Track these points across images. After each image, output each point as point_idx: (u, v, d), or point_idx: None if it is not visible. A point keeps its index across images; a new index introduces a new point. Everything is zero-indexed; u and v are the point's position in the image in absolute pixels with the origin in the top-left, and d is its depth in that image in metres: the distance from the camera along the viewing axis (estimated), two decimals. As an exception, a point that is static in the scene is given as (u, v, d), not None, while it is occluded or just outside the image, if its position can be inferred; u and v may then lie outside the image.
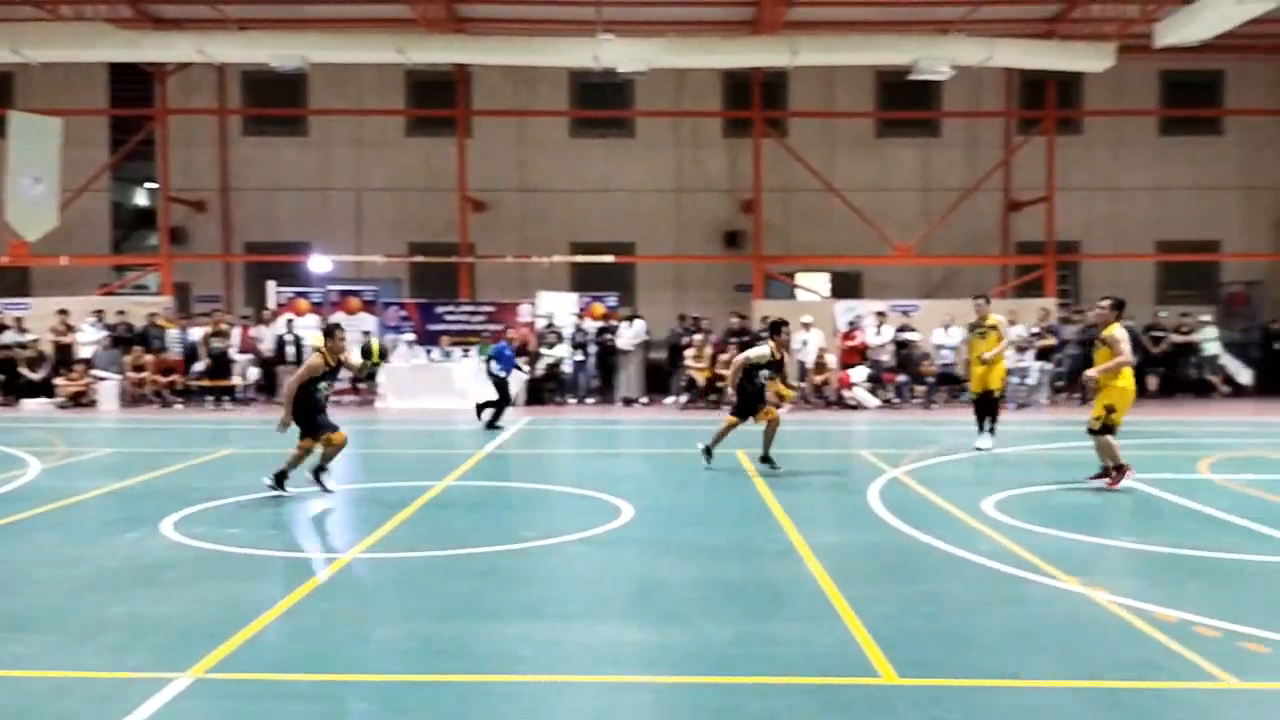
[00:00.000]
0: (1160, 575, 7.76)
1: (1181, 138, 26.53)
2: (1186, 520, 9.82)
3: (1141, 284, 26.35)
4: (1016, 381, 21.74)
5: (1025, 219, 26.18)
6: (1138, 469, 12.65)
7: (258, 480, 11.24)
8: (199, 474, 12.60)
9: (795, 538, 8.88)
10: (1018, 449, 15.04)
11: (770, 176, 25.36)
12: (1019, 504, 10.41)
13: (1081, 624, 6.51)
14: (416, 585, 7.48)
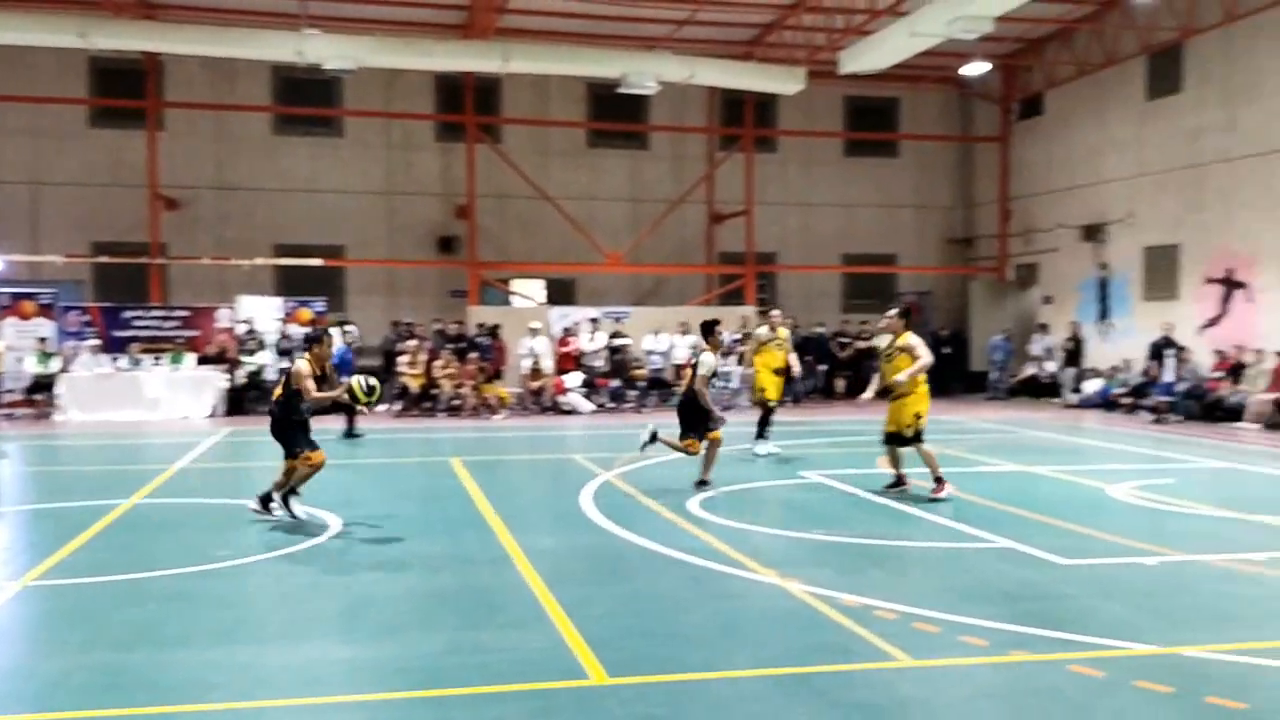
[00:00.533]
0: (846, 564, 8.33)
1: (863, 159, 28.68)
2: (869, 512, 10.60)
3: (830, 293, 28.30)
4: (721, 385, 22.79)
5: (727, 231, 27.48)
6: (827, 466, 13.56)
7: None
8: None
9: (509, 544, 8.87)
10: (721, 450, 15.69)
11: (484, 182, 25.30)
12: (723, 502, 10.89)
13: (778, 614, 6.88)
14: (95, 613, 6.88)
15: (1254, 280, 20.13)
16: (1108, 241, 23.96)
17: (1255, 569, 8.08)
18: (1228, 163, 20.60)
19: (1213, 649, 6.07)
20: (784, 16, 22.85)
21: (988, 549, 8.84)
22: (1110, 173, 23.88)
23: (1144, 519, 10.37)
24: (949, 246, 29.27)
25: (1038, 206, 26.48)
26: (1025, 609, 6.94)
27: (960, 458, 14.50)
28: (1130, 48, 22.66)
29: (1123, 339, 23.50)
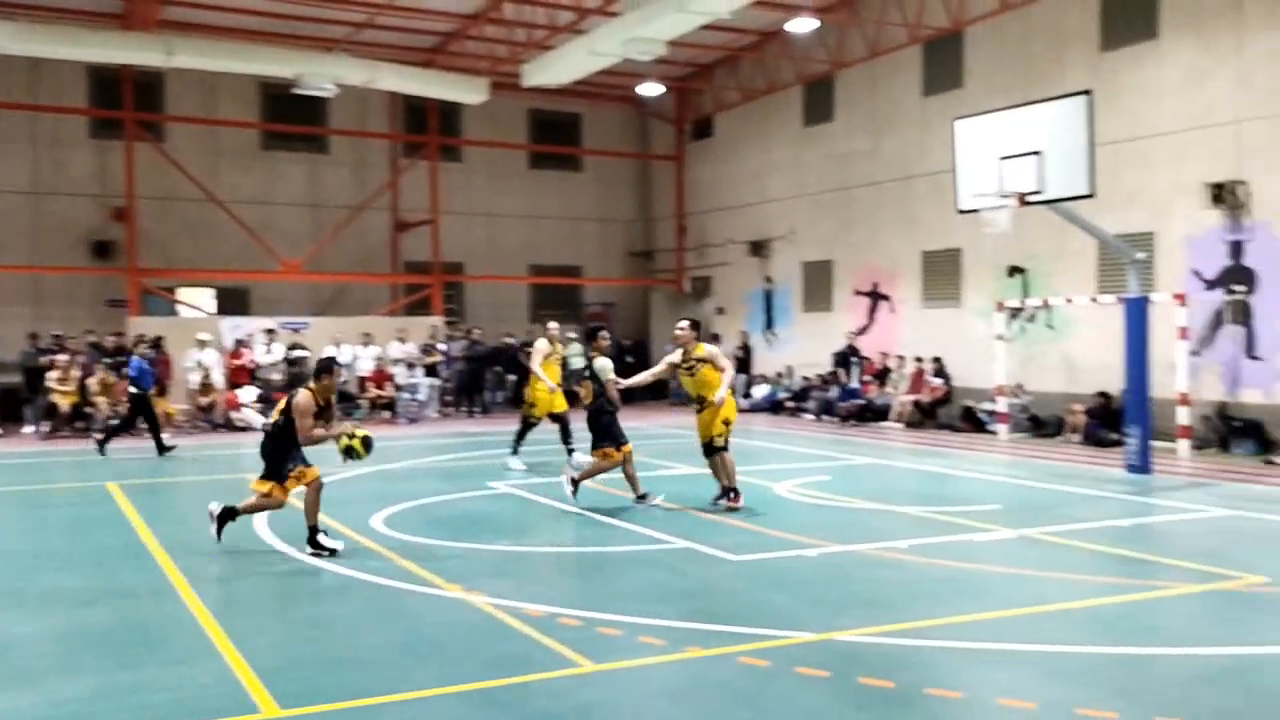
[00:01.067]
0: (531, 573, 8.41)
1: (548, 171, 29.16)
2: (556, 520, 10.77)
3: (517, 304, 28.53)
4: (408, 397, 22.41)
5: (413, 239, 27.08)
6: (515, 477, 13.65)
7: None
8: None
9: (173, 574, 8.29)
10: (408, 463, 15.46)
11: (145, 183, 23.54)
12: (408, 518, 10.70)
13: (461, 629, 6.84)
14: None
15: (895, 293, 22.20)
16: (772, 256, 25.66)
17: (898, 556, 8.89)
18: (873, 186, 22.62)
19: (863, 632, 6.61)
20: (466, 26, 22.84)
21: (668, 550, 9.20)
22: (773, 193, 25.60)
23: (806, 514, 11.16)
24: (631, 259, 30.30)
25: (711, 222, 27.95)
26: (700, 606, 7.29)
27: (646, 462, 15.00)
28: (788, 77, 24.41)
29: (786, 347, 25.25)
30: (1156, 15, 17.09)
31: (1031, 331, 18.86)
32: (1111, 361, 15.36)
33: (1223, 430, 15.86)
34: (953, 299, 20.80)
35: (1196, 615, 7.15)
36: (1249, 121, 15.84)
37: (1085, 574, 8.28)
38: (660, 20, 18.00)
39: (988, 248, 18.79)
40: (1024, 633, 6.68)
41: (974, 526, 10.17)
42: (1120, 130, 17.15)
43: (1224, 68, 16.18)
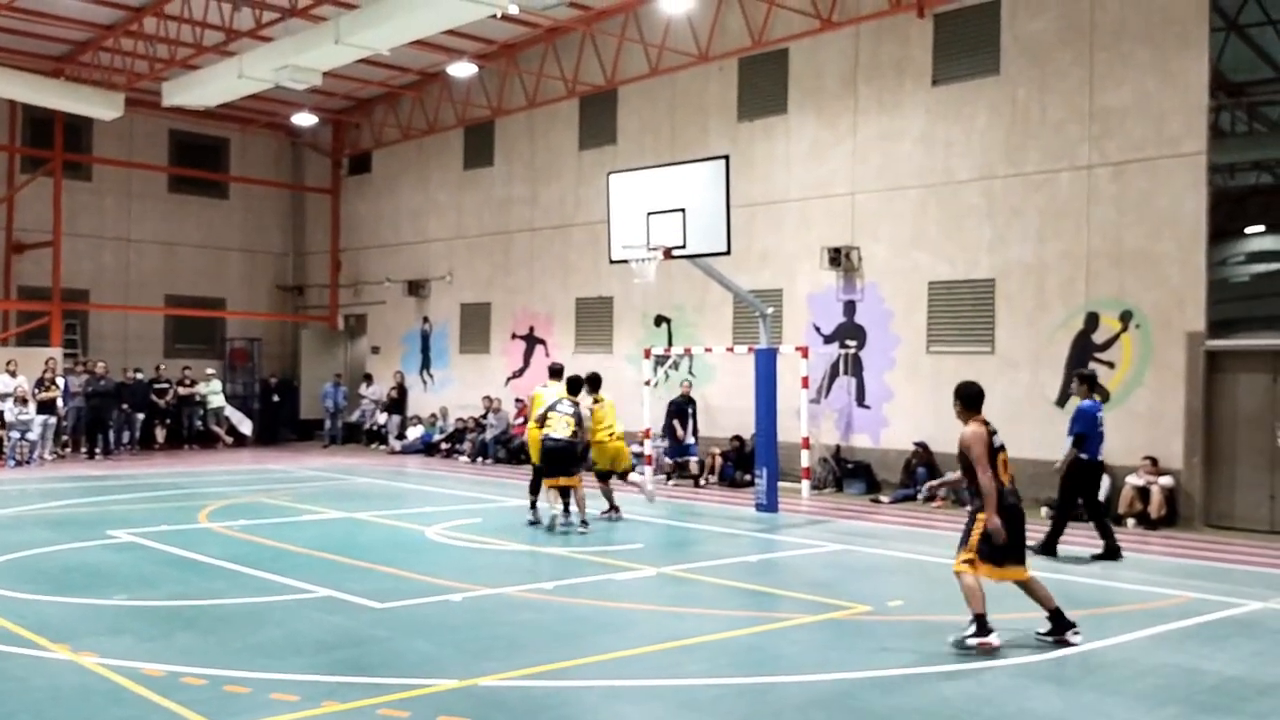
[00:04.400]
0: (151, 629, 7.76)
1: (190, 197, 27.40)
2: (184, 570, 10.01)
3: (150, 336, 26.50)
4: (18, 436, 20.15)
5: (30, 262, 24.52)
6: (141, 523, 12.61)
7: None
8: None
9: None
10: (13, 510, 13.87)
11: None
12: (9, 571, 9.59)
13: (67, 694, 6.18)
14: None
15: (551, 338, 22.70)
16: (430, 297, 25.50)
17: (544, 596, 9.03)
18: (531, 232, 23.08)
19: (506, 676, 6.63)
20: (102, 37, 21.12)
21: (306, 599, 8.81)
22: (433, 233, 25.49)
23: (455, 557, 11.09)
24: (280, 293, 29.04)
25: (367, 259, 27.37)
26: (339, 657, 7.03)
27: (286, 506, 14.35)
28: (449, 119, 24.49)
29: (442, 388, 25.09)
30: (786, 92, 18.70)
31: (675, 378, 19.88)
32: (745, 407, 16.49)
33: (838, 471, 17.42)
34: (605, 345, 21.55)
35: (812, 643, 7.76)
36: (861, 194, 17.65)
37: (717, 608, 8.78)
38: (315, 50, 17.50)
39: (637, 297, 19.70)
40: (660, 668, 6.96)
41: (618, 565, 10.51)
42: (755, 194, 18.57)
43: (841, 144, 17.96)
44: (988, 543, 7.35)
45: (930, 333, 16.81)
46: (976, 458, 7.41)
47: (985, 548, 7.37)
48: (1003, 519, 7.35)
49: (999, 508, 7.36)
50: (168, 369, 24.60)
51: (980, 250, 16.26)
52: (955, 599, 7.61)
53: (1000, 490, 7.40)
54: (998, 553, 7.38)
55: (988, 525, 7.32)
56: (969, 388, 7.74)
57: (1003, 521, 7.33)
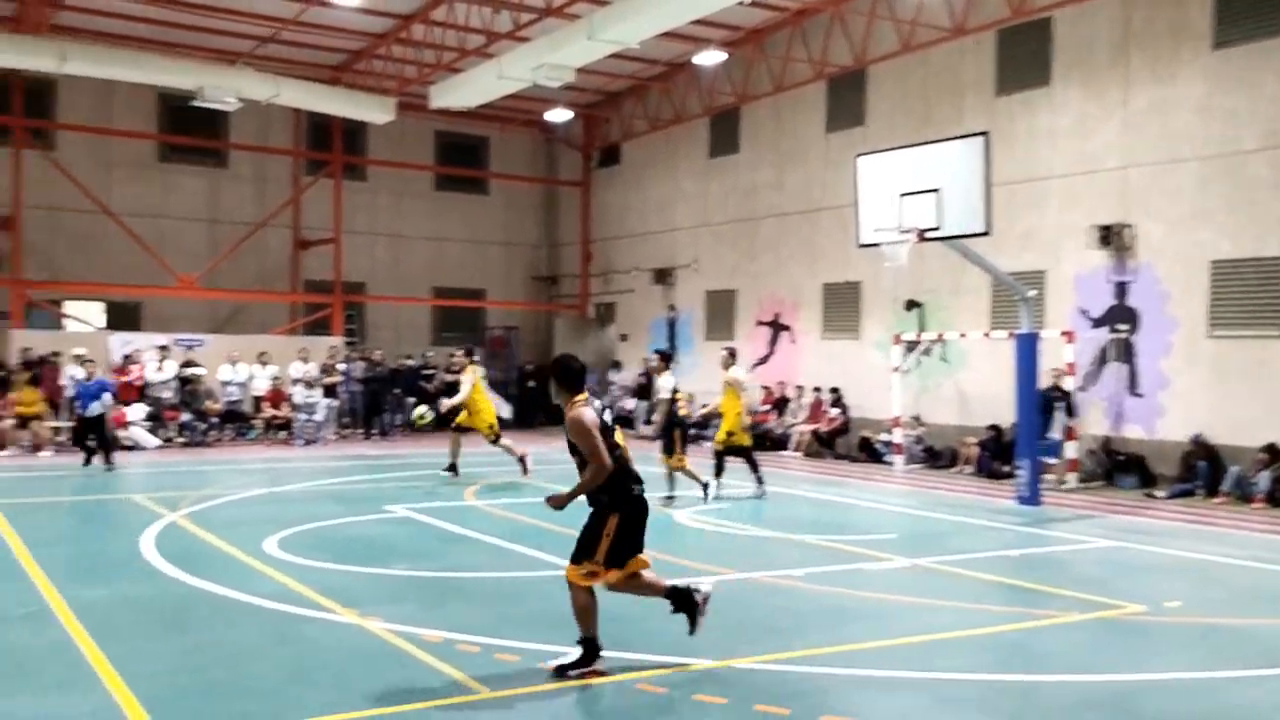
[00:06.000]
0: (429, 599, 8.28)
1: (454, 194, 28.97)
2: (454, 544, 10.63)
3: (419, 326, 28.21)
4: (305, 417, 21.93)
5: (314, 258, 26.61)
6: (414, 500, 13.44)
7: None
8: None
9: (52, 596, 7.96)
10: (303, 485, 15.12)
11: (34, 193, 22.70)
12: (302, 541, 10.45)
13: (357, 655, 6.69)
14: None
15: (796, 324, 22.56)
16: (675, 285, 25.87)
17: (795, 584, 8.99)
18: (777, 218, 22.99)
19: (759, 660, 6.66)
20: (374, 45, 22.63)
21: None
22: (679, 222, 25.84)
23: (705, 541, 11.22)
24: (535, 284, 30.22)
25: (616, 249, 28.07)
26: (600, 633, 7.24)
27: (542, 487, 14.89)
28: (695, 108, 24.71)
29: (688, 375, 25.39)
30: (1049, 64, 17.75)
31: (927, 365, 19.32)
32: (1003, 395, 15.81)
33: (1107, 464, 16.43)
34: (852, 331, 21.21)
35: (1081, 643, 7.37)
36: (1134, 168, 16.54)
37: (976, 603, 8.48)
38: (569, 48, 18.09)
39: (887, 282, 19.24)
40: (917, 660, 6.80)
41: (869, 555, 10.34)
42: (1015, 172, 17.74)
43: (1111, 117, 16.88)
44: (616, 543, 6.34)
45: (1212, 315, 15.57)
46: (591, 449, 6.26)
47: (614, 551, 6.35)
48: (629, 510, 6.40)
49: (625, 499, 6.37)
50: (435, 356, 26.12)
51: (1270, 226, 14.91)
52: (1240, 600, 7.04)
53: (627, 472, 6.39)
54: (623, 551, 6.41)
55: (555, 501, 6.44)
56: (570, 363, 6.60)
57: (629, 513, 6.39)
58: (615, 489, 6.33)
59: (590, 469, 6.23)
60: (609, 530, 6.31)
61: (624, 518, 6.34)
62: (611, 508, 6.34)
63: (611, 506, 6.34)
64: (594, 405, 6.43)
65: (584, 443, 6.25)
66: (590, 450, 6.23)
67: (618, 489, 6.33)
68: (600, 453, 6.20)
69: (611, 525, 6.32)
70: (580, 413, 6.30)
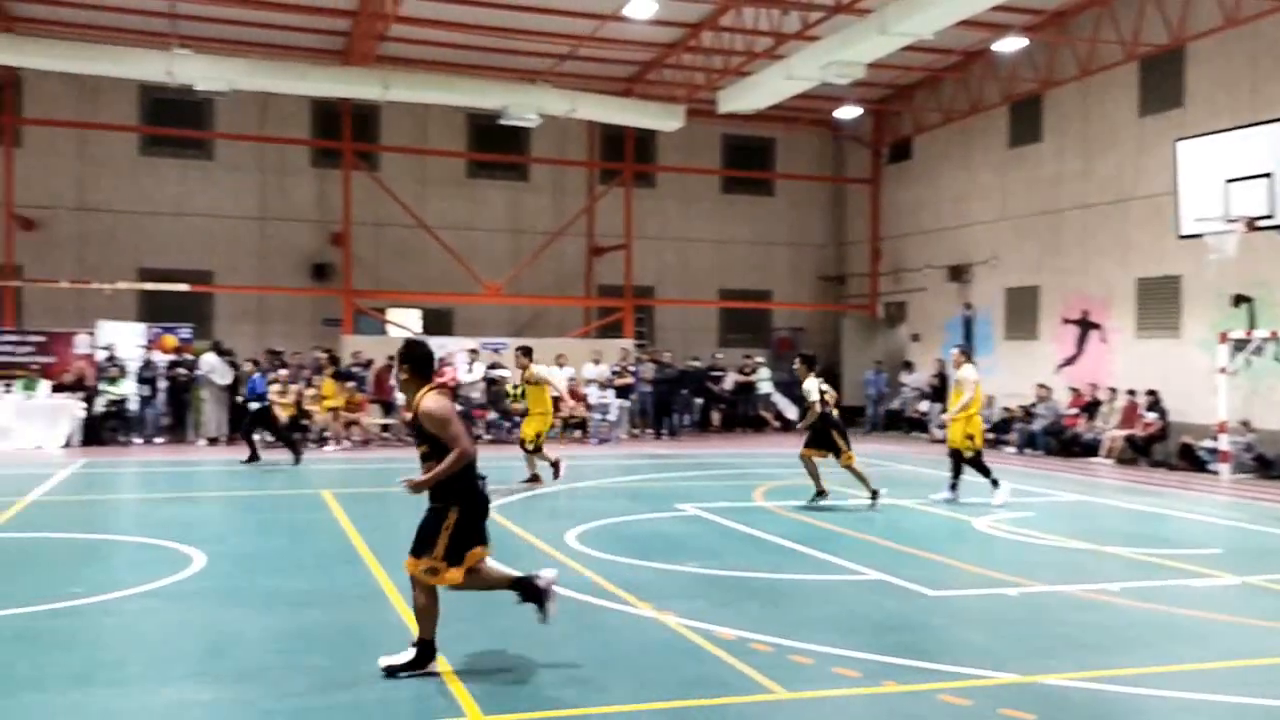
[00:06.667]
0: (722, 597, 8.39)
1: (740, 196, 29.24)
2: (744, 544, 10.72)
3: (707, 328, 28.67)
4: (599, 418, 22.82)
5: (606, 264, 27.62)
6: (703, 499, 13.66)
7: None
8: None
9: (383, 579, 8.69)
10: (598, 482, 15.72)
11: (361, 209, 24.91)
12: (600, 535, 10.87)
13: (654, 647, 6.89)
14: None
15: (1107, 322, 21.15)
16: (972, 282, 24.91)
17: (1109, 598, 8.43)
18: (1084, 209, 21.66)
19: (1071, 676, 6.29)
20: (664, 55, 23.22)
21: (860, 581, 9.02)
22: (975, 216, 24.86)
23: (1006, 550, 10.74)
24: (822, 284, 29.99)
25: (907, 247, 27.39)
26: (896, 640, 7.10)
27: (832, 490, 14.77)
28: (993, 97, 23.70)
29: (986, 376, 24.34)
30: (1407, 25, 15.77)
31: (1258, 365, 17.59)
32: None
33: None
34: (1170, 329, 19.66)
35: None
36: None
37: (1322, 628, 7.64)
38: (860, 44, 17.83)
39: (1211, 275, 17.66)
40: (1248, 686, 6.21)
41: (1192, 571, 9.54)
42: (1363, 149, 15.83)
43: None
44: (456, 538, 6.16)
45: None
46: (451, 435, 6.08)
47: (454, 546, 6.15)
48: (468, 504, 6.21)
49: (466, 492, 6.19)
50: (725, 357, 26.45)
51: None
52: None
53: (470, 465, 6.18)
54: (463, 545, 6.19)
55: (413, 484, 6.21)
56: (419, 349, 6.41)
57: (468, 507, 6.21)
58: (458, 482, 6.21)
59: (452, 455, 6.10)
60: (448, 524, 6.19)
61: (463, 512, 6.23)
62: (452, 501, 6.23)
63: (453, 499, 6.23)
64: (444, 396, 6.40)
65: (443, 431, 6.14)
66: (451, 437, 6.13)
67: (461, 482, 6.22)
68: (462, 438, 6.14)
69: (451, 519, 6.20)
70: (436, 401, 6.22)
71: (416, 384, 6.34)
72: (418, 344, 6.59)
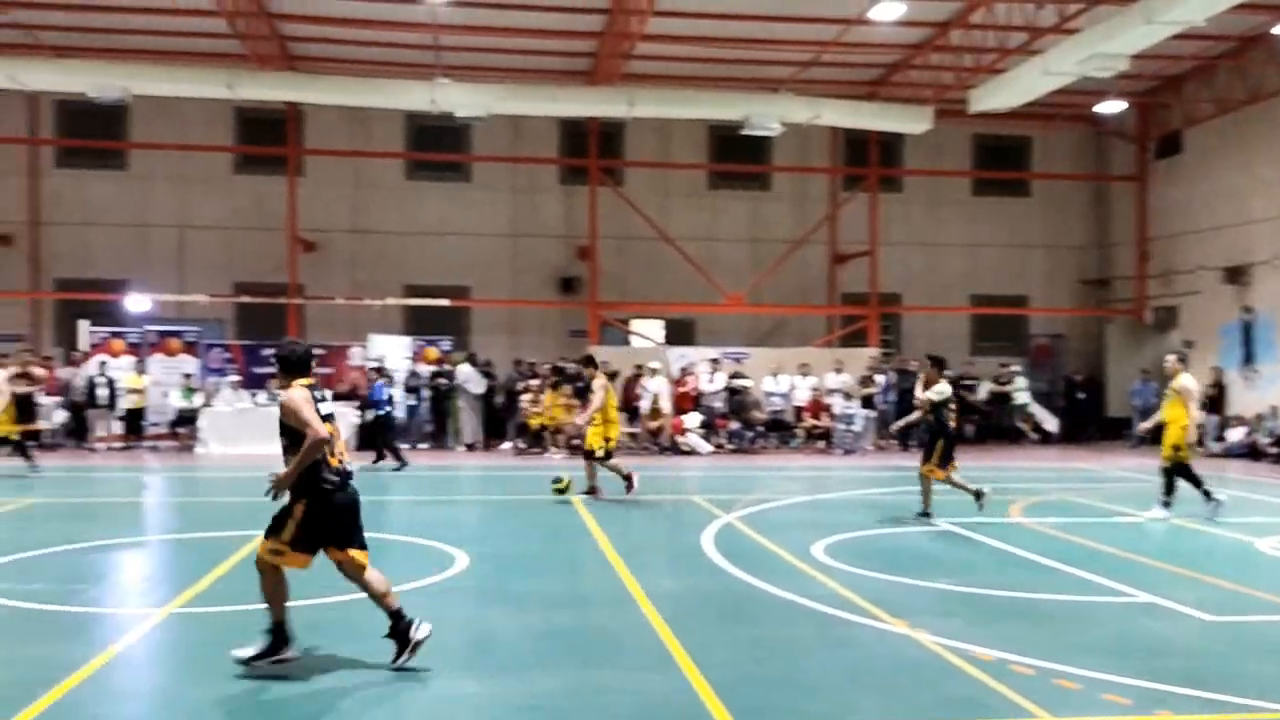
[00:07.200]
0: (978, 615, 8.07)
1: (992, 198, 28.12)
2: (1000, 561, 10.27)
3: (957, 335, 27.71)
4: (843, 428, 22.48)
5: (850, 271, 27.21)
6: (954, 514, 13.19)
7: (62, 531, 10.50)
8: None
9: (631, 584, 8.87)
10: (844, 494, 15.48)
11: (605, 224, 25.61)
12: (847, 548, 10.69)
13: (907, 664, 6.70)
14: (234, 642, 7.07)
15: None
16: (1251, 284, 22.94)
17: None
18: (1385, 201, 19.56)
19: (1381, 719, 5.68)
20: (910, 56, 22.67)
21: (1128, 603, 8.47)
22: (1254, 213, 22.90)
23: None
24: (1082, 288, 28.40)
25: (1177, 247, 25.54)
26: (1170, 666, 6.62)
27: (1095, 506, 13.97)
28: (1274, 85, 21.77)
29: (1269, 386, 22.38)
30: None
31: None
32: None
33: None
34: None
35: None
36: None
37: None
38: (1124, 35, 16.79)
39: None
40: None
41: None
42: None
43: None
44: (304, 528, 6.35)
45: None
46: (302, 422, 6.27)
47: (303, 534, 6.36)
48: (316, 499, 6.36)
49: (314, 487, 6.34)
50: (978, 366, 25.50)
51: None
52: None
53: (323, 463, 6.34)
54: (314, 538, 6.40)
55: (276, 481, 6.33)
56: (291, 350, 6.64)
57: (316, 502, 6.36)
58: (307, 476, 6.34)
59: (306, 442, 6.23)
60: (295, 515, 6.38)
61: (310, 506, 6.37)
62: (299, 494, 6.37)
63: (299, 493, 6.37)
64: (317, 394, 6.50)
65: (295, 419, 6.32)
66: (303, 422, 6.28)
67: (309, 477, 6.34)
68: (314, 424, 6.26)
69: (298, 511, 6.37)
70: (292, 393, 6.40)
71: (286, 384, 6.57)
72: (288, 345, 6.84)
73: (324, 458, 6.37)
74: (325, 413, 6.47)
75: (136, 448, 21.21)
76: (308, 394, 6.44)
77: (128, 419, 21.45)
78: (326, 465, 6.40)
